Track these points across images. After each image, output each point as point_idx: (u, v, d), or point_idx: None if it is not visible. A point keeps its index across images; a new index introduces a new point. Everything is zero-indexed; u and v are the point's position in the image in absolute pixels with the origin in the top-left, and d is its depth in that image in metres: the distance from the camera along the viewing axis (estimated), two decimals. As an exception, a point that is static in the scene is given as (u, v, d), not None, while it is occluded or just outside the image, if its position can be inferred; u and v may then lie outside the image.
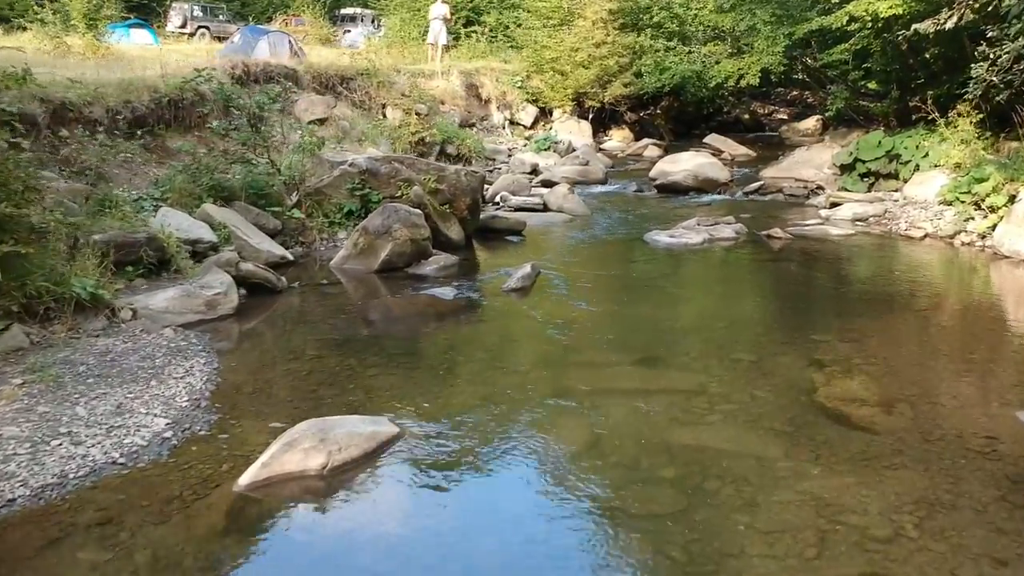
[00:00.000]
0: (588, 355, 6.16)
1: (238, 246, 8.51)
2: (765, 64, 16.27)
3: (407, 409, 5.11)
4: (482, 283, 8.28)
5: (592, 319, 7.06)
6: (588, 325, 6.88)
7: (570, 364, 5.97)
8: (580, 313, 7.20)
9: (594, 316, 7.15)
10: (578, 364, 5.96)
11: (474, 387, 5.54)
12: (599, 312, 7.27)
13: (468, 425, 4.93)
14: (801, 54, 18.59)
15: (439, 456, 4.53)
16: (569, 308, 7.35)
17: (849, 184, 13.53)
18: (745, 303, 7.74)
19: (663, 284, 8.44)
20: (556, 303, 7.50)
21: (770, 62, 16.03)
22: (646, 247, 10.07)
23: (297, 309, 7.26)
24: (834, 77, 18.86)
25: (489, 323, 7.01)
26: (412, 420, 4.94)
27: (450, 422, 4.95)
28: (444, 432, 4.81)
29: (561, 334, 6.60)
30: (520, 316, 7.15)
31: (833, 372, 5.86)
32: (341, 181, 9.66)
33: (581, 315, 7.15)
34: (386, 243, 8.58)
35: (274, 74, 13.14)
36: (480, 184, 10.13)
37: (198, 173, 8.98)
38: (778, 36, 15.56)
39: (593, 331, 6.75)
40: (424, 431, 4.79)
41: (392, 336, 6.62)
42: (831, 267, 9.18)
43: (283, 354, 6.10)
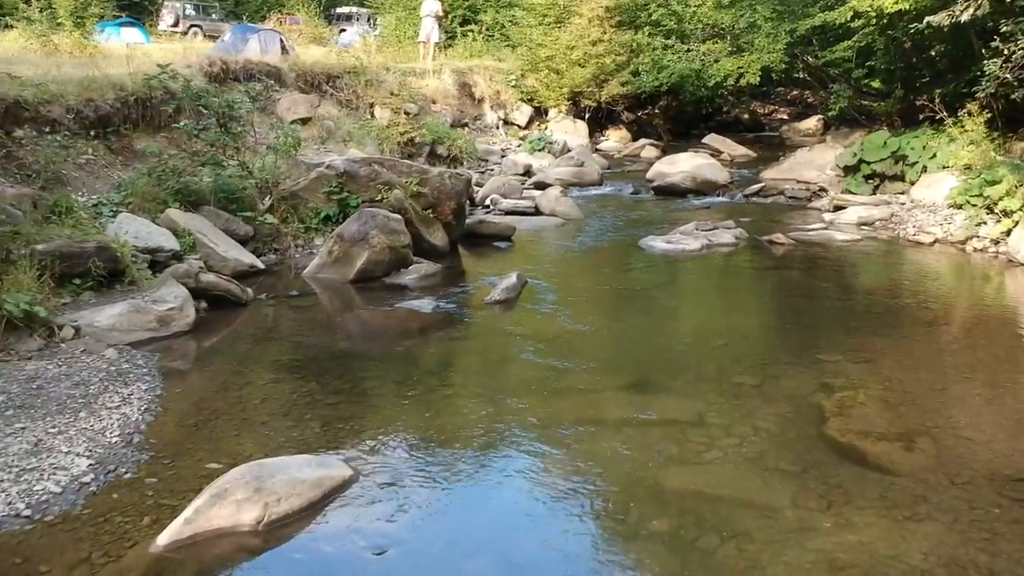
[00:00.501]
0: (574, 379, 5.52)
1: (204, 254, 7.89)
2: (766, 62, 15.64)
3: (366, 446, 4.48)
4: (464, 294, 7.65)
5: (580, 336, 6.43)
6: (576, 343, 6.26)
7: (554, 390, 5.33)
8: (567, 329, 6.57)
9: (582, 332, 6.52)
10: (563, 390, 5.33)
11: (444, 419, 4.91)
12: (588, 327, 6.64)
13: (432, 467, 4.30)
14: (802, 52, 17.96)
15: (395, 506, 3.90)
16: (556, 323, 6.72)
17: (853, 186, 12.89)
18: (746, 317, 7.11)
19: (658, 295, 7.81)
20: (542, 317, 6.88)
21: (771, 60, 15.40)
22: (641, 254, 9.44)
23: (261, 325, 6.63)
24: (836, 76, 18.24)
25: (468, 341, 6.38)
26: (370, 460, 4.31)
27: (412, 463, 4.33)
28: (404, 476, 4.18)
29: (546, 354, 5.97)
30: (502, 333, 6.52)
31: (844, 399, 5.23)
32: (318, 184, 9.04)
33: (568, 331, 6.52)
34: (362, 251, 7.95)
35: (255, 72, 12.50)
36: (466, 187, 9.50)
37: (164, 176, 8.35)
38: (779, 33, 14.93)
39: (581, 350, 6.12)
40: (381, 474, 4.17)
41: (361, 356, 5.99)
42: (837, 276, 8.54)
43: (236, 378, 5.47)
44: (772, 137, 21.98)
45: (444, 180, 9.23)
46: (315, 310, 7.06)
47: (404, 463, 4.31)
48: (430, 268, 8.29)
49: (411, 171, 9.15)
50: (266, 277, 8.11)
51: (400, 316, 6.90)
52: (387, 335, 6.47)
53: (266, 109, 12.40)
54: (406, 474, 4.19)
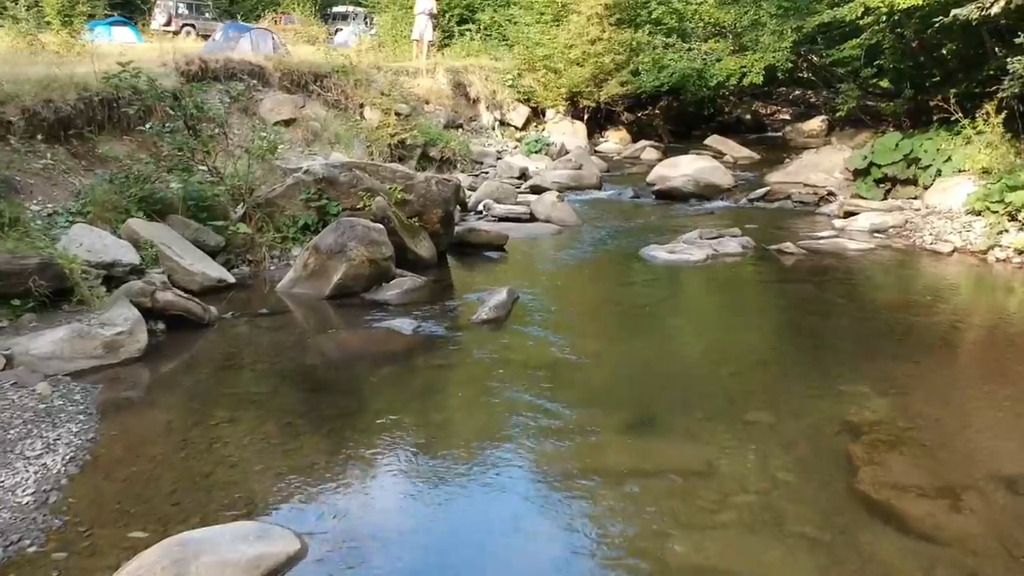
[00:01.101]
0: (568, 418, 4.83)
1: (167, 268, 7.19)
2: (770, 61, 14.93)
3: (324, 507, 3.80)
4: (450, 312, 6.96)
5: (575, 363, 5.74)
6: (570, 372, 5.56)
7: (545, 433, 4.64)
8: (561, 354, 5.88)
9: (578, 358, 5.82)
10: (555, 432, 4.64)
11: (417, 470, 4.22)
12: (584, 352, 5.94)
13: (399, 535, 3.62)
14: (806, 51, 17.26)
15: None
16: (549, 347, 6.02)
17: (863, 190, 12.19)
18: (757, 339, 6.42)
19: (661, 313, 7.12)
20: (534, 340, 6.18)
21: (776, 59, 14.68)
22: (642, 264, 8.75)
23: (222, 349, 5.94)
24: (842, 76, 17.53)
25: (451, 370, 5.68)
26: (324, 527, 3.62)
27: (376, 529, 3.64)
28: (364, 547, 3.49)
29: (537, 387, 5.28)
30: (489, 360, 5.82)
31: (874, 442, 4.53)
32: (295, 191, 8.34)
33: (562, 357, 5.82)
34: (340, 265, 7.26)
35: (237, 70, 11.80)
36: (454, 194, 8.81)
37: (127, 183, 7.66)
38: (785, 31, 14.20)
39: (576, 381, 5.43)
40: (336, 549, 3.47)
41: (329, 389, 5.29)
42: (852, 290, 7.85)
43: (185, 416, 4.78)
44: (775, 138, 21.29)
45: (431, 186, 8.53)
46: (285, 331, 6.37)
47: (365, 531, 3.62)
48: (414, 282, 7.60)
49: (395, 177, 8.46)
50: (237, 292, 7.42)
51: (378, 339, 6.20)
52: (362, 363, 5.78)
53: (248, 110, 11.71)
54: (366, 544, 3.50)
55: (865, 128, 17.29)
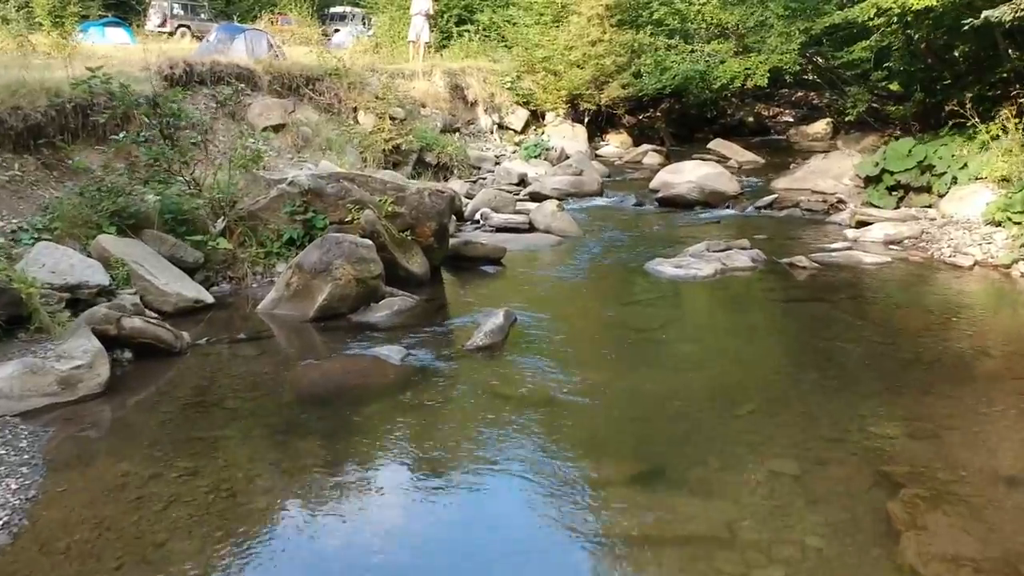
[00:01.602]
0: (567, 468, 4.30)
1: (140, 288, 6.67)
2: (777, 63, 14.37)
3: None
4: (442, 337, 6.43)
5: (577, 399, 5.19)
6: (571, 410, 5.02)
7: (541, 487, 4.10)
8: (561, 388, 5.33)
9: (580, 393, 5.28)
10: (552, 487, 4.10)
11: (402, 534, 3.68)
12: (586, 386, 5.40)
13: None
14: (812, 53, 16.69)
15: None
16: (548, 380, 5.48)
17: (875, 198, 11.64)
18: (774, 369, 5.88)
19: (669, 337, 6.57)
20: (532, 371, 5.64)
21: (784, 61, 14.12)
22: (648, 280, 8.21)
23: (192, 384, 5.40)
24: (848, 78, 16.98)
25: (441, 409, 5.12)
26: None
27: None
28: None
29: (534, 428, 4.75)
30: (482, 395, 5.28)
31: (914, 499, 3.99)
32: (279, 203, 7.81)
33: (562, 392, 5.28)
34: (324, 284, 6.73)
35: (224, 74, 11.26)
36: (449, 205, 8.27)
37: (98, 196, 7.12)
38: (792, 32, 13.64)
39: (577, 420, 4.90)
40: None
41: (306, 432, 4.74)
42: (872, 309, 7.31)
43: (143, 467, 4.24)
44: (779, 141, 20.74)
45: (423, 198, 7.99)
46: (263, 360, 5.82)
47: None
48: (404, 303, 7.06)
49: (386, 188, 7.92)
50: (216, 312, 6.90)
51: (363, 370, 5.66)
52: (344, 400, 5.23)
53: (236, 115, 11.17)
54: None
55: (871, 131, 16.76)
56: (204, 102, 10.78)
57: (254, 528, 3.69)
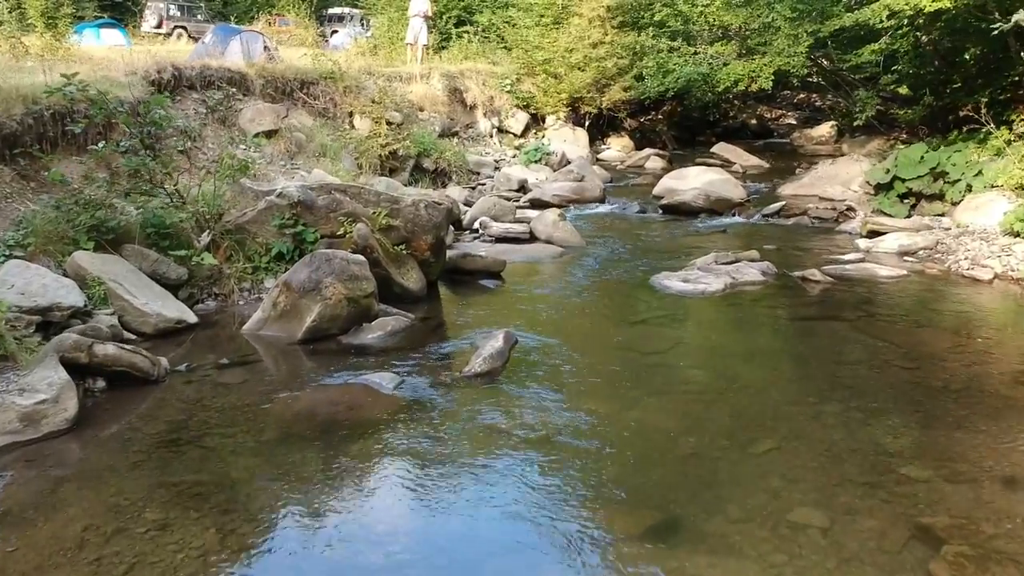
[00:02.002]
0: (571, 518, 3.88)
1: (118, 308, 6.27)
2: (783, 66, 13.93)
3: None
4: (438, 361, 6.00)
5: (581, 435, 4.77)
6: (575, 449, 4.60)
7: (541, 541, 3.69)
8: (565, 422, 4.92)
9: (583, 428, 4.87)
10: (552, 542, 3.68)
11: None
12: (592, 419, 4.98)
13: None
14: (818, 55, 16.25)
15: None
16: (550, 412, 5.06)
17: (886, 206, 11.22)
18: (791, 398, 5.45)
19: (679, 362, 6.15)
20: (532, 401, 5.22)
21: (792, 64, 13.67)
22: (654, 296, 7.80)
23: (168, 418, 4.98)
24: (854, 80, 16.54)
25: (434, 447, 4.68)
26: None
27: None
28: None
29: (532, 470, 4.34)
30: (480, 430, 4.85)
31: (958, 558, 3.58)
32: (268, 215, 7.39)
33: (566, 427, 4.86)
34: (313, 304, 6.31)
35: (215, 78, 10.83)
36: (446, 218, 7.85)
37: (76, 209, 6.70)
38: (800, 34, 13.20)
39: (581, 462, 4.47)
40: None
41: (287, 477, 4.31)
42: (892, 329, 6.88)
43: (106, 521, 3.82)
44: (783, 144, 20.30)
45: (419, 211, 7.57)
46: (245, 390, 5.40)
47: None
48: (399, 322, 6.65)
49: (380, 200, 7.50)
50: (198, 333, 6.50)
51: (353, 400, 5.24)
52: (331, 436, 4.80)
53: (227, 120, 10.74)
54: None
55: (877, 135, 16.32)
56: (194, 107, 10.36)
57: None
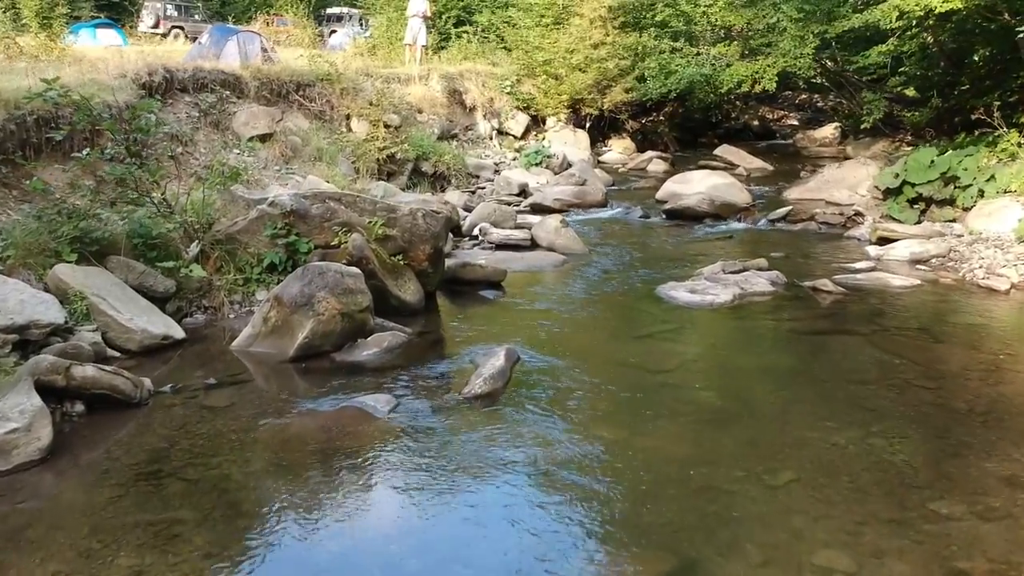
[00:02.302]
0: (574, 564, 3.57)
1: (101, 324, 5.96)
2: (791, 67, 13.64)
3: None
4: (436, 380, 5.69)
5: (587, 466, 4.47)
6: (580, 482, 4.29)
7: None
8: (569, 450, 4.61)
9: (590, 457, 4.56)
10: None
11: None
12: (598, 447, 4.68)
13: None
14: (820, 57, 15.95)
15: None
16: (553, 439, 4.75)
17: (895, 211, 10.92)
18: (809, 422, 5.13)
19: (689, 381, 5.83)
20: (535, 427, 4.91)
21: (799, 65, 13.36)
22: (660, 307, 7.50)
23: (149, 445, 4.66)
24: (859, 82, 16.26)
25: (429, 480, 4.35)
26: None
27: None
28: None
29: (535, 508, 4.03)
30: (478, 462, 4.53)
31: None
32: (259, 225, 7.07)
33: (571, 455, 4.56)
34: (306, 320, 6.00)
35: (208, 80, 10.51)
36: (444, 227, 7.54)
37: (58, 220, 6.39)
38: (807, 35, 12.89)
39: (587, 496, 4.15)
40: None
41: (274, 513, 4.00)
42: (909, 344, 6.56)
43: (78, 566, 3.50)
44: (786, 146, 20.01)
45: (417, 220, 7.26)
46: (232, 414, 5.09)
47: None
48: (395, 338, 6.33)
49: (375, 209, 7.19)
50: (186, 349, 6.19)
51: (344, 426, 4.92)
52: (321, 466, 4.48)
53: (220, 124, 10.43)
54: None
55: (882, 137, 16.05)
56: (186, 111, 10.05)
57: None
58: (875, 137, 16.16)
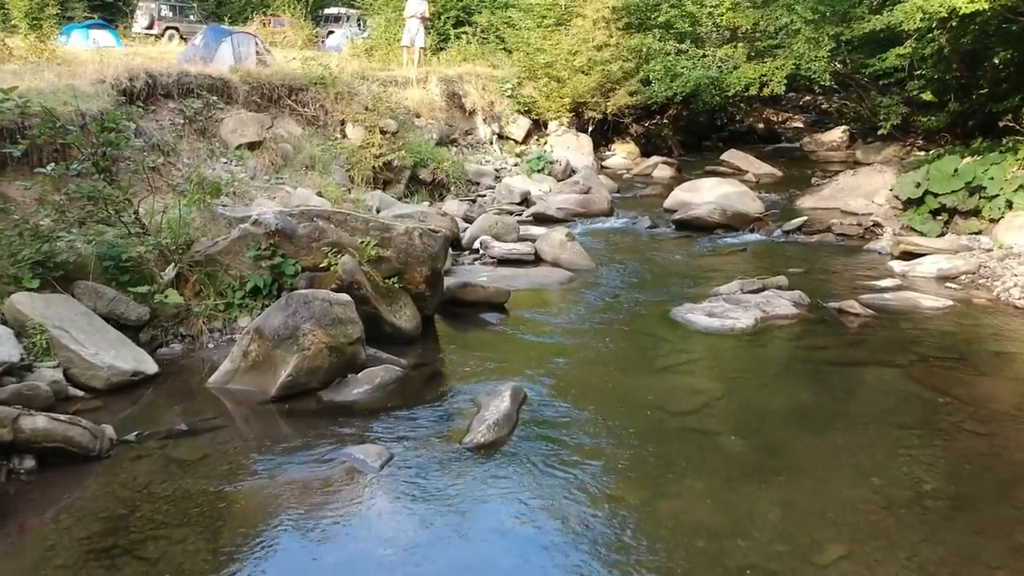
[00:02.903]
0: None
1: (64, 360, 5.34)
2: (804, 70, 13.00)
3: None
4: (434, 425, 5.05)
5: (605, 540, 3.84)
6: (597, 562, 3.66)
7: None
8: (586, 519, 3.98)
9: (610, 528, 3.93)
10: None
11: None
12: (617, 515, 4.05)
13: None
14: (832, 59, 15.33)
15: None
16: (567, 503, 4.13)
17: (917, 223, 10.31)
18: (854, 479, 4.49)
19: (714, 427, 5.19)
20: (546, 486, 4.28)
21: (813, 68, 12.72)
22: (677, 332, 6.87)
23: (105, 512, 4.02)
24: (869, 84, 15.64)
25: (423, 556, 3.75)
26: None
27: None
28: None
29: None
30: (479, 532, 3.91)
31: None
32: (242, 245, 6.43)
33: (588, 526, 3.93)
34: (289, 355, 5.37)
35: (193, 85, 9.86)
36: (443, 247, 6.90)
37: (18, 242, 5.76)
38: (821, 37, 12.25)
39: None
40: None
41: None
42: (951, 379, 5.92)
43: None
44: (792, 150, 19.36)
45: (413, 240, 6.62)
46: (204, 469, 4.45)
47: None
48: (389, 373, 5.70)
49: (368, 228, 6.55)
50: (158, 386, 5.56)
51: (331, 485, 4.29)
52: (304, 539, 3.85)
53: (207, 132, 9.78)
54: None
55: (893, 141, 15.45)
56: (170, 118, 9.40)
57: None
58: (886, 141, 15.55)
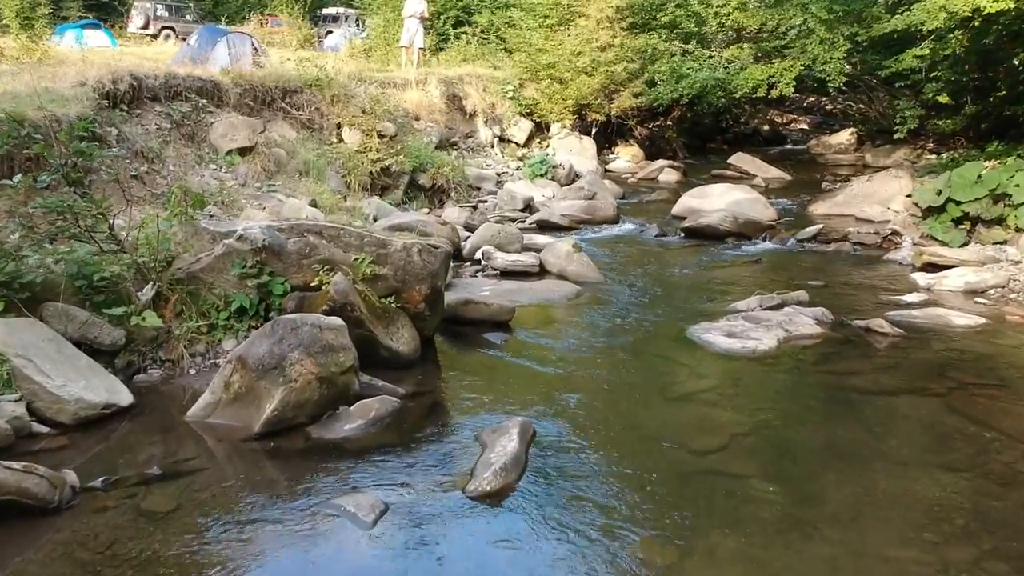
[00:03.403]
0: None
1: (27, 393, 4.83)
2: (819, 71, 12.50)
3: None
4: (434, 469, 4.53)
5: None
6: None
7: None
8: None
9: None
10: None
11: None
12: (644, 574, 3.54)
13: None
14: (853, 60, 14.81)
15: None
16: (582, 563, 3.62)
17: (939, 232, 9.78)
18: (902, 536, 3.98)
19: (743, 470, 4.66)
20: (561, 545, 3.77)
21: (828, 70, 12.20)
22: (695, 355, 6.36)
23: (61, 573, 3.51)
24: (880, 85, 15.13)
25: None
26: None
27: None
28: None
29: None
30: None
31: None
32: (227, 262, 5.91)
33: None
34: (275, 387, 4.85)
35: (181, 88, 9.33)
36: (443, 264, 6.38)
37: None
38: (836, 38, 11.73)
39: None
40: None
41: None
42: (996, 408, 5.41)
43: None
44: (799, 152, 18.84)
45: (412, 256, 6.10)
46: (176, 524, 3.93)
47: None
48: (384, 405, 5.18)
49: (363, 243, 6.03)
50: (132, 419, 5.05)
51: (318, 545, 3.77)
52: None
53: (195, 136, 9.26)
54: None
55: (903, 144, 14.92)
56: (156, 123, 8.88)
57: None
58: (896, 144, 15.04)
